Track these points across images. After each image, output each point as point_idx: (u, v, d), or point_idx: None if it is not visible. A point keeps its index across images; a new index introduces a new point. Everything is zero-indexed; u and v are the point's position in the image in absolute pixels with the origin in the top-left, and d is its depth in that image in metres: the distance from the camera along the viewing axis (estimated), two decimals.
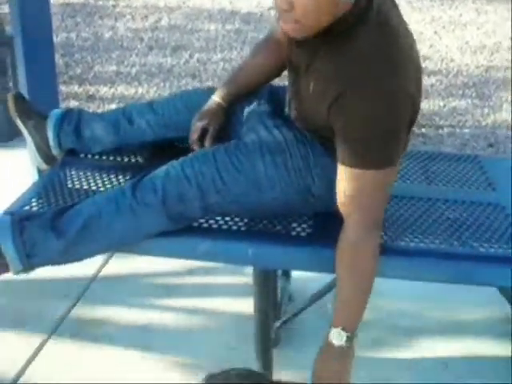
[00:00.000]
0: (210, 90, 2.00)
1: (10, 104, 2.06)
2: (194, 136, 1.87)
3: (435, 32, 6.51)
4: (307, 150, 1.69)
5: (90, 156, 2.07)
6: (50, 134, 2.02)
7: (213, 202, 1.68)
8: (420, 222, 1.80)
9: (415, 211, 1.85)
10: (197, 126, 1.87)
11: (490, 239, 1.74)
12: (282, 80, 1.90)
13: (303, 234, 1.72)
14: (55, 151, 2.04)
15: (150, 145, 2.06)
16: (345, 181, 1.51)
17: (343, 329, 1.53)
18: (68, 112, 2.08)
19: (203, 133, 1.86)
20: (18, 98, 2.09)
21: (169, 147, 2.02)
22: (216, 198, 1.67)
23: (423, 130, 4.23)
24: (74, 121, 2.04)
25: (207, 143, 1.84)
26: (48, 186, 1.91)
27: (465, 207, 1.89)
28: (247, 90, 1.94)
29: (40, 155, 2.06)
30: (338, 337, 1.53)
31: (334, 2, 1.40)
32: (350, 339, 1.54)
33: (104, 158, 2.07)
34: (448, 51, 5.91)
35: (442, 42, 6.21)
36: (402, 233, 1.74)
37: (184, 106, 1.99)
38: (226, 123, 1.92)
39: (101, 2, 7.50)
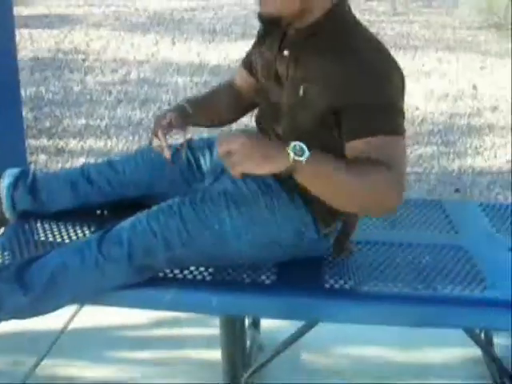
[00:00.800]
0: (171, 146, 1.95)
1: None
2: (158, 125, 1.83)
3: None
4: (272, 200, 1.72)
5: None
6: (4, 195, 1.98)
7: (179, 254, 1.69)
8: (383, 267, 1.81)
9: (379, 256, 1.86)
10: (159, 119, 1.85)
11: (453, 281, 1.76)
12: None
13: (268, 281, 1.72)
14: (8, 213, 1.99)
15: (111, 204, 2.03)
16: (365, 150, 1.50)
17: (312, 153, 1.38)
18: (23, 172, 2.03)
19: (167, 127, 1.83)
20: None
21: (131, 206, 1.98)
22: (182, 250, 1.68)
23: None
24: (29, 181, 1.99)
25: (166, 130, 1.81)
26: (12, 238, 1.90)
27: (428, 251, 1.91)
28: (212, 113, 2.00)
29: None
30: (298, 148, 1.37)
31: None
32: (307, 164, 1.37)
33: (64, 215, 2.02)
34: (413, 100, 6.03)
35: (406, 91, 6.32)
36: (366, 278, 1.74)
37: (145, 164, 1.98)
38: (186, 168, 1.96)
39: (70, 56, 7.56)
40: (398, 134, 1.53)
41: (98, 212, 2.04)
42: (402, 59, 7.68)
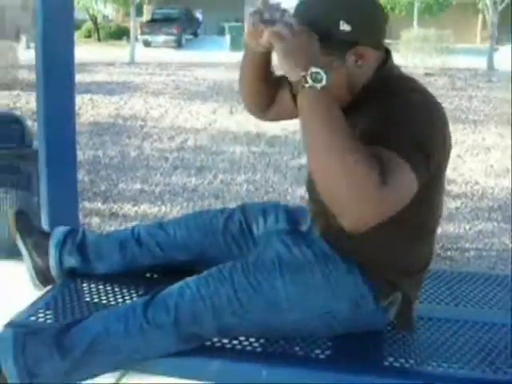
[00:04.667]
0: (224, 210, 1.97)
1: (11, 222, 1.98)
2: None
3: (459, 155, 6.54)
4: (329, 267, 1.62)
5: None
6: (52, 253, 1.93)
7: (228, 324, 1.60)
8: (447, 346, 1.67)
9: (442, 334, 1.73)
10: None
11: None
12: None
13: (322, 356, 1.60)
14: (54, 272, 1.94)
15: (160, 267, 1.96)
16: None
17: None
18: (72, 231, 2.00)
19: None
20: (20, 215, 2.01)
21: (180, 270, 1.91)
22: (232, 319, 1.59)
23: (449, 252, 4.13)
24: (78, 240, 1.96)
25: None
26: (57, 298, 1.85)
27: (495, 330, 1.77)
28: None
29: (37, 277, 1.95)
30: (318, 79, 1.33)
31: (349, 76, 1.51)
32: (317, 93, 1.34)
33: (112, 276, 1.96)
34: (472, 174, 5.91)
35: (465, 166, 6.22)
36: (428, 357, 1.61)
37: (196, 227, 1.93)
38: (238, 233, 1.89)
39: (129, 123, 7.72)
40: (412, 168, 1.36)
41: (147, 275, 1.97)
42: (461, 133, 7.61)
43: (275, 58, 1.48)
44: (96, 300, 1.84)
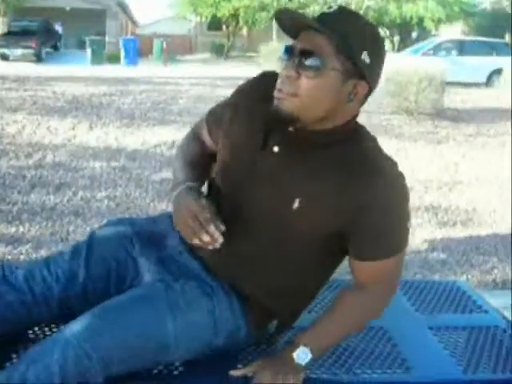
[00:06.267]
0: (74, 252, 1.70)
1: None
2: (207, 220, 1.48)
3: None
4: (213, 302, 1.57)
5: None
6: None
7: (117, 371, 1.45)
8: None
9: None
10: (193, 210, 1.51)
11: (373, 364, 1.69)
12: None
13: (176, 372, 1.59)
14: None
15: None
16: (379, 271, 1.56)
17: (311, 350, 1.53)
18: None
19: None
20: None
21: None
22: (121, 366, 1.45)
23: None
24: None
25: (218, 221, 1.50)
26: None
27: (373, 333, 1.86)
28: (203, 172, 1.74)
29: None
30: (302, 356, 1.53)
31: (336, 98, 1.46)
32: (310, 363, 1.54)
33: None
34: None
35: None
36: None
37: (53, 277, 1.64)
38: (124, 270, 1.69)
39: None
40: (405, 248, 1.59)
41: None
42: None
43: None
44: None
